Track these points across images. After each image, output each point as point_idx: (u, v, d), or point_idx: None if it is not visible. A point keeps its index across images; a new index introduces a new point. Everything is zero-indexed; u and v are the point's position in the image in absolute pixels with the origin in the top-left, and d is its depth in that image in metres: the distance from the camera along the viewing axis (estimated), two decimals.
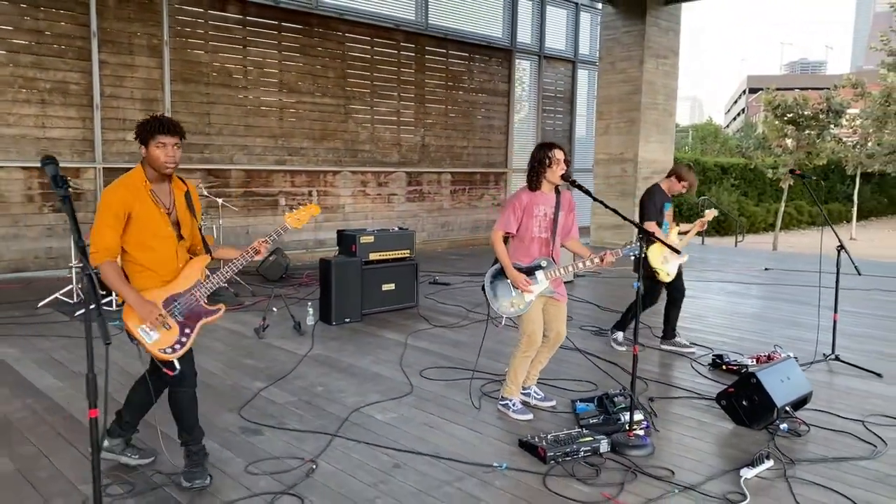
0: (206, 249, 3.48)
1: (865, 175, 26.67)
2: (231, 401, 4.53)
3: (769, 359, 5.26)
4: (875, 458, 3.81)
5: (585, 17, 16.04)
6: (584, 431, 3.92)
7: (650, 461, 3.71)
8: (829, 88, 21.45)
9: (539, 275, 4.23)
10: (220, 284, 3.41)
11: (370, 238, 7.01)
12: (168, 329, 3.21)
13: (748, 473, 3.52)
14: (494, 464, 3.61)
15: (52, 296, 7.17)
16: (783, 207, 21.09)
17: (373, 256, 7.01)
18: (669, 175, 5.78)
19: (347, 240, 6.99)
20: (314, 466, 3.56)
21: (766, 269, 10.90)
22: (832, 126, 19.77)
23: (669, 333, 5.94)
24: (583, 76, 16.23)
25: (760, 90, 72.31)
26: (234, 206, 10.16)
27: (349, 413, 4.33)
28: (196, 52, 10.19)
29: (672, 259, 5.59)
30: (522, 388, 4.49)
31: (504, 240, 4.30)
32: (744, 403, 4.20)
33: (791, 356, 4.68)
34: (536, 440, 3.77)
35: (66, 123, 9.14)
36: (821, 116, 18.91)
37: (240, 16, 10.55)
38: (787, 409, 4.19)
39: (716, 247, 16.51)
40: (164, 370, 3.22)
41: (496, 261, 4.31)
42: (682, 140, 44.10)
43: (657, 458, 3.75)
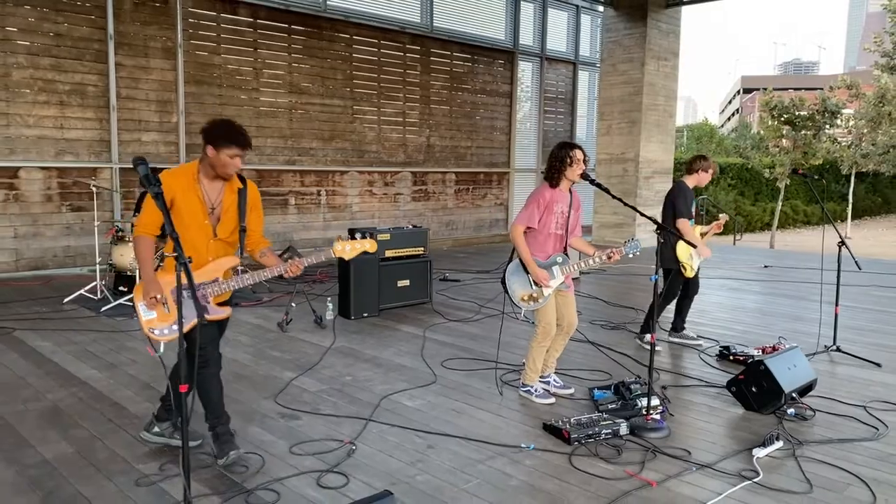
0: (240, 252, 3.59)
1: (859, 175, 27.02)
2: (266, 389, 4.75)
3: (774, 350, 5.51)
4: (877, 440, 4.06)
5: (586, 19, 16.29)
6: (604, 416, 4.17)
7: (667, 443, 3.95)
8: (823, 89, 21.76)
9: (555, 270, 4.47)
10: (238, 287, 3.52)
11: (386, 236, 7.24)
12: (167, 312, 3.35)
13: (760, 453, 3.77)
14: (522, 444, 3.86)
15: (77, 292, 7.37)
16: (780, 207, 21.39)
17: (388, 253, 7.24)
18: (692, 171, 5.94)
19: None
20: (354, 447, 3.79)
21: (766, 267, 11.17)
22: (828, 126, 20.10)
23: (679, 326, 6.19)
24: (583, 77, 16.48)
25: (755, 90, 72.85)
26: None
27: (379, 400, 4.57)
28: (208, 55, 10.40)
29: (696, 255, 5.82)
30: (542, 377, 4.73)
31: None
32: (753, 389, 4.45)
33: (797, 346, 4.92)
34: (560, 423, 4.01)
35: (84, 124, 9.35)
36: (817, 117, 19.23)
37: (250, 19, 10.77)
38: (794, 395, 4.44)
39: (715, 245, 16.77)
40: (148, 348, 3.42)
41: (513, 256, 4.55)
42: (678, 140, 44.45)
43: (673, 440, 3.99)
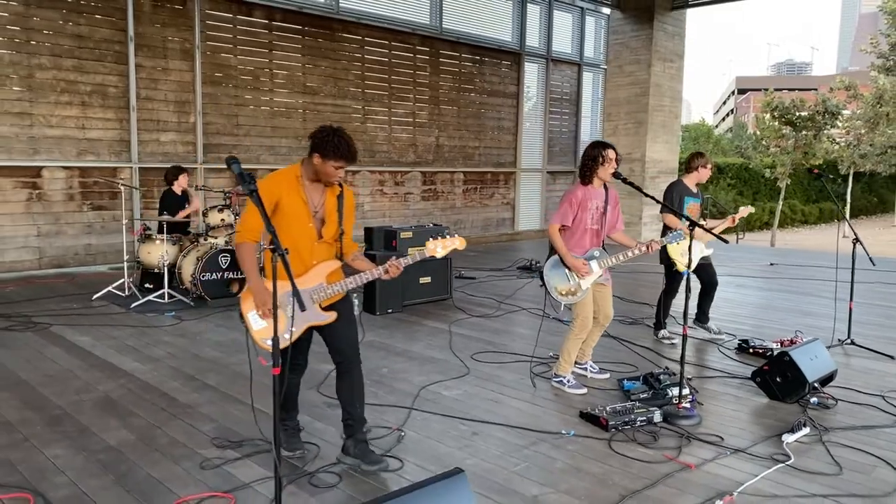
0: (340, 256, 3.54)
1: (856, 175, 27.35)
2: (306, 381, 4.90)
3: (792, 343, 5.70)
4: None
5: (590, 21, 16.50)
6: (638, 404, 4.36)
7: (699, 429, 4.14)
8: (816, 89, 22.03)
9: (593, 264, 4.65)
10: (342, 292, 3.47)
11: (409, 234, 7.42)
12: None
13: (789, 438, 3.96)
14: (563, 431, 4.04)
15: (106, 289, 7.52)
16: (780, 206, 21.66)
17: (410, 251, 7.39)
18: (690, 169, 6.13)
19: (388, 236, 7.40)
20: (403, 433, 3.97)
21: (772, 265, 11.39)
22: (828, 127, 20.37)
23: (704, 319, 6.38)
24: (587, 78, 16.69)
25: (749, 91, 73.21)
26: None
27: (418, 390, 4.75)
28: (225, 56, 10.56)
29: (697, 250, 6.00)
30: (579, 364, 4.94)
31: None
32: (777, 380, 4.65)
33: (817, 339, 5.12)
34: (597, 411, 4.20)
35: (105, 125, 9.50)
36: (817, 118, 19.51)
37: (266, 21, 10.93)
38: (816, 385, 4.64)
39: (718, 244, 17.00)
40: (260, 359, 3.33)
41: (551, 253, 4.73)
42: None
43: (704, 427, 4.18)
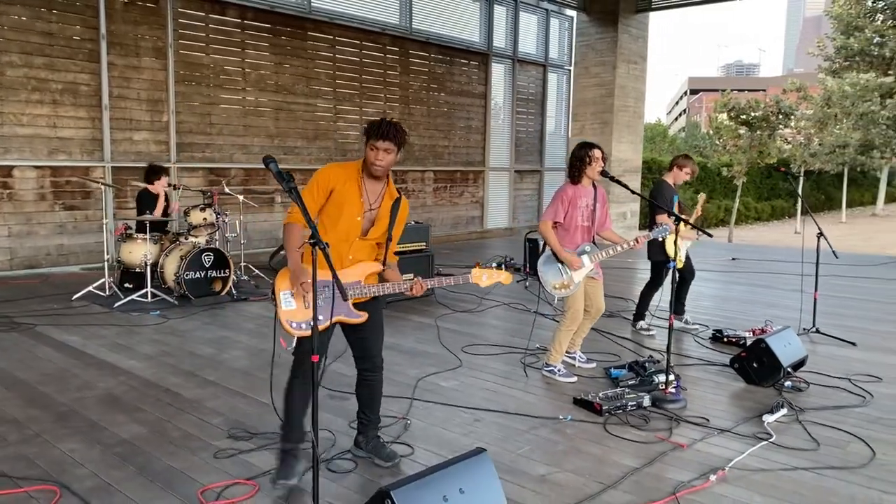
0: (383, 262, 3.50)
1: (806, 173, 28.41)
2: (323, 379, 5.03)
3: (763, 332, 6.03)
4: (867, 406, 4.59)
5: (555, 23, 16.83)
6: (627, 390, 4.60)
7: (685, 412, 4.39)
8: (765, 90, 22.86)
9: (584, 258, 4.88)
10: (373, 294, 3.41)
11: None
12: (307, 307, 3.25)
13: (769, 418, 4.24)
14: (560, 416, 4.25)
15: (86, 289, 7.48)
16: (737, 203, 22.40)
17: (396, 249, 7.55)
18: (671, 168, 6.50)
19: None
20: (408, 422, 4.13)
21: (734, 259, 11.84)
22: (782, 127, 21.16)
23: (680, 310, 6.68)
24: (552, 79, 17.02)
25: (701, 91, 75.07)
26: (252, 203, 10.52)
27: (416, 381, 4.91)
28: (198, 55, 10.53)
29: (682, 246, 6.32)
30: (568, 353, 5.17)
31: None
32: (754, 365, 4.95)
33: (789, 326, 5.44)
34: (590, 397, 4.42)
35: (77, 123, 9.39)
36: (771, 118, 20.26)
37: (238, 19, 10.92)
38: (789, 370, 4.95)
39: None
40: (281, 340, 3.30)
41: (544, 249, 4.95)
42: None
43: (690, 410, 4.43)
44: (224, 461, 3.56)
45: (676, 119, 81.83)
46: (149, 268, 7.30)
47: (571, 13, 16.48)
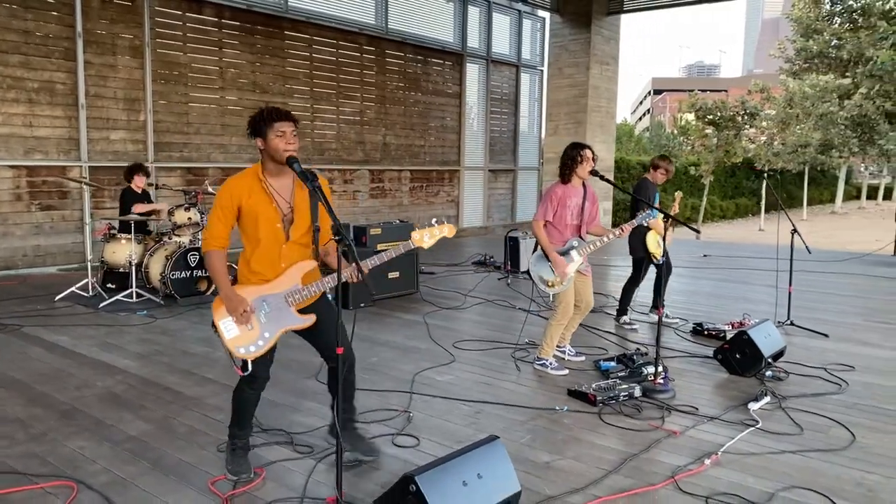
0: (316, 256, 3.34)
1: (769, 172, 29.18)
2: (303, 371, 5.09)
3: (741, 325, 6.27)
4: (843, 393, 4.83)
5: (527, 24, 17.03)
6: (619, 381, 4.76)
7: (674, 401, 4.58)
8: (726, 90, 23.44)
9: (573, 254, 5.04)
10: (314, 294, 3.30)
11: (378, 230, 7.66)
12: (250, 329, 3.21)
13: (754, 406, 4.45)
14: (556, 407, 4.40)
15: (69, 290, 7.42)
16: (705, 202, 22.90)
17: (380, 247, 7.65)
18: (651, 168, 6.73)
19: (358, 232, 7.61)
20: (411, 415, 4.24)
21: (705, 256, 12.16)
22: (747, 127, 21.71)
23: (659, 305, 6.88)
24: (525, 80, 17.22)
25: (664, 91, 76.33)
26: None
27: (412, 376, 5.02)
28: (175, 54, 10.47)
29: (659, 242, 6.54)
30: (559, 347, 5.32)
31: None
32: (737, 356, 5.15)
33: (767, 319, 5.67)
34: (584, 388, 4.58)
35: (53, 123, 9.29)
36: (737, 118, 20.78)
37: (215, 18, 10.89)
38: (770, 360, 5.17)
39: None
40: (236, 369, 3.26)
41: (536, 247, 5.09)
42: None
43: (679, 399, 4.62)
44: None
45: (640, 119, 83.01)
46: (133, 268, 7.28)
47: (543, 14, 16.72)
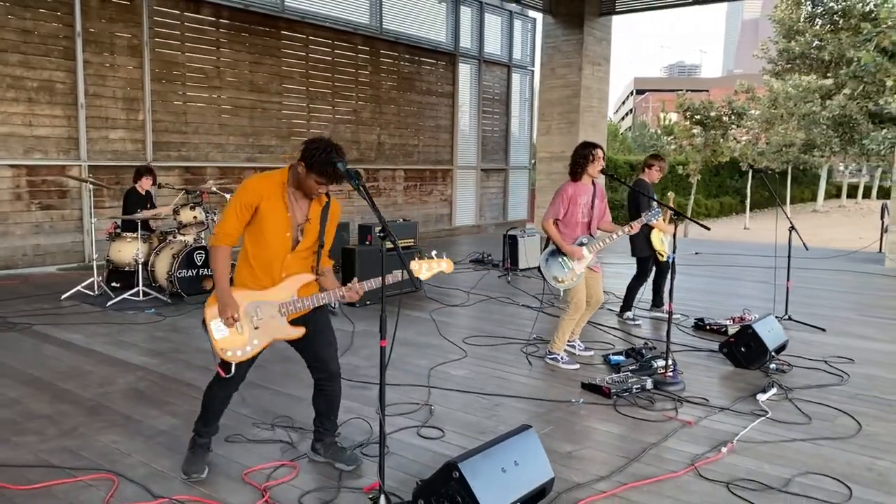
0: (316, 271, 3.39)
1: (753, 171, 29.59)
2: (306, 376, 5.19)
3: (742, 320, 6.44)
4: (845, 384, 5.00)
5: (518, 25, 17.18)
6: (630, 374, 4.90)
7: (685, 393, 4.72)
8: (708, 91, 23.77)
9: (584, 250, 5.17)
10: (308, 308, 3.33)
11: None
12: (239, 332, 3.22)
13: (762, 397, 4.60)
14: (572, 399, 4.53)
15: (75, 289, 7.44)
16: (692, 200, 23.20)
17: (388, 246, 7.73)
18: (645, 167, 6.89)
19: (363, 231, 7.70)
20: (432, 407, 4.35)
21: (696, 254, 12.36)
22: (734, 127, 22.02)
23: (659, 302, 7.05)
24: (516, 80, 17.36)
25: (647, 91, 76.95)
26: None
27: (428, 371, 5.12)
28: (173, 53, 10.48)
29: (664, 240, 6.70)
30: (569, 342, 5.45)
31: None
32: (742, 349, 5.31)
33: (770, 314, 5.84)
34: (598, 381, 4.71)
35: (52, 122, 9.27)
36: (724, 118, 21.07)
37: (213, 18, 10.91)
38: (773, 353, 5.34)
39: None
40: (218, 368, 3.29)
41: (547, 245, 5.22)
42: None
43: (689, 392, 4.76)
44: (260, 446, 3.73)
45: (623, 118, 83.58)
46: (140, 266, 7.31)
47: (534, 15, 16.87)
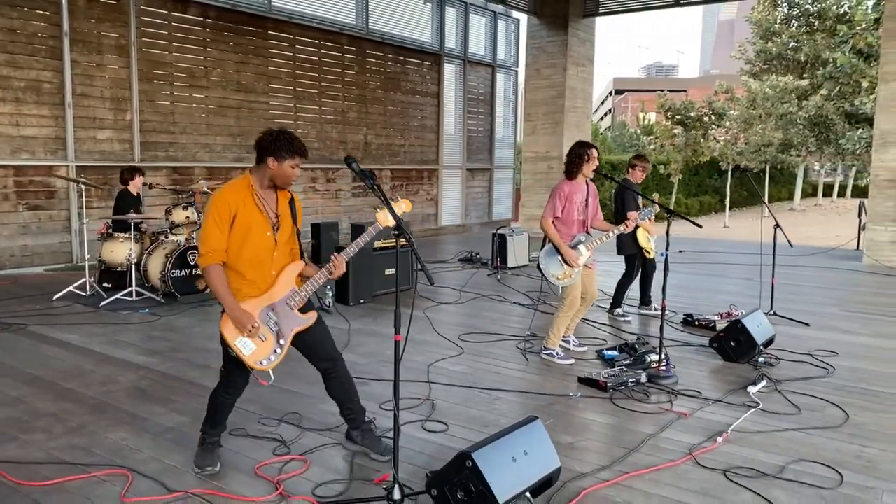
0: (302, 255, 3.52)
1: (732, 170, 30.03)
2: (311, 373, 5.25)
3: (729, 315, 6.60)
4: (831, 376, 5.17)
5: (502, 25, 17.30)
6: (625, 369, 5.03)
7: (678, 386, 4.85)
8: (686, 91, 24.10)
9: (581, 248, 5.28)
10: (310, 294, 3.45)
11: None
12: (263, 340, 3.31)
13: (753, 389, 4.74)
14: (570, 393, 4.64)
15: (66, 289, 7.42)
16: (673, 199, 23.48)
17: (378, 244, 7.81)
18: (629, 168, 7.05)
19: (356, 230, 7.76)
20: (434, 402, 4.43)
21: (681, 252, 12.55)
22: (715, 127, 22.34)
23: (647, 301, 7.19)
24: (500, 80, 17.48)
25: (626, 91, 77.57)
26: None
27: (426, 367, 5.21)
28: (161, 53, 10.46)
29: (650, 239, 6.86)
30: (564, 337, 5.56)
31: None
32: (732, 344, 5.46)
33: (758, 309, 6.00)
34: (594, 376, 4.83)
35: (40, 122, 9.22)
36: (705, 119, 21.37)
37: (200, 18, 10.89)
38: (762, 347, 5.49)
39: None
40: (260, 381, 3.42)
41: (545, 243, 5.33)
42: None
43: (682, 385, 4.90)
44: (270, 442, 3.79)
45: (602, 118, 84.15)
46: (133, 266, 7.32)
47: (518, 16, 17.00)
